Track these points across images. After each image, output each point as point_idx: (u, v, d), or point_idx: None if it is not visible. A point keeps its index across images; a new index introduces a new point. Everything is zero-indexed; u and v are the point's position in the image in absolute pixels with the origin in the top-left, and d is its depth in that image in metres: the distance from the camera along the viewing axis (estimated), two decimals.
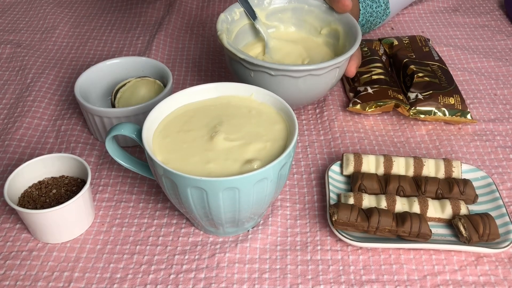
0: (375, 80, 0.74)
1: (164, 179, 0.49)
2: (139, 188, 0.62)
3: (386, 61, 0.80)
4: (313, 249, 0.55)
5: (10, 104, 0.75)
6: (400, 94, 0.72)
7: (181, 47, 0.88)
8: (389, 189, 0.58)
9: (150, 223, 0.58)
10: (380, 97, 0.71)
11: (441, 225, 0.56)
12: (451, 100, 0.70)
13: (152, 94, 0.67)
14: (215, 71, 0.82)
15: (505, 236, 0.54)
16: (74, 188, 0.57)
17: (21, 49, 0.86)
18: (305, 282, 0.52)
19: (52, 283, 0.51)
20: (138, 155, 0.66)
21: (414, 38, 0.83)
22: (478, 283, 0.51)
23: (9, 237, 0.56)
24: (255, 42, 0.75)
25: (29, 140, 0.68)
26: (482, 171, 0.61)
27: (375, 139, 0.69)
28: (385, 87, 0.72)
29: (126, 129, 0.53)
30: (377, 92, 0.71)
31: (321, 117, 0.73)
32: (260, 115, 0.56)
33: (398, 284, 0.51)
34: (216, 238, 0.56)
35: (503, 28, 0.93)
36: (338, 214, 0.53)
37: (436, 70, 0.75)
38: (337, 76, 0.67)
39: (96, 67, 0.71)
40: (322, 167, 0.65)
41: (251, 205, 0.50)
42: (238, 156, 0.51)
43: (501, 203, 0.57)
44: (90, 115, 0.65)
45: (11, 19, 0.96)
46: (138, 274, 0.52)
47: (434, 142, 0.68)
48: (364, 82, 0.74)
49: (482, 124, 0.71)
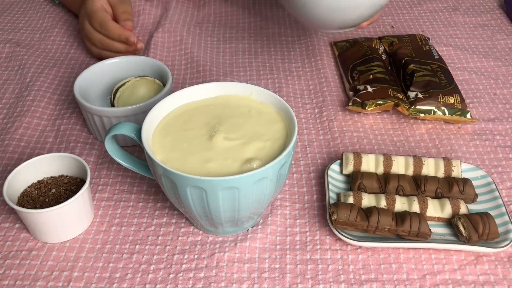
0: (375, 79, 0.73)
1: (164, 179, 0.49)
2: (138, 187, 0.62)
3: (386, 59, 0.80)
4: (312, 248, 0.55)
5: (10, 104, 0.75)
6: (400, 93, 0.72)
7: (181, 46, 0.88)
8: (389, 189, 0.58)
9: (150, 223, 0.58)
10: (379, 96, 0.71)
11: (440, 225, 0.56)
12: (451, 100, 0.70)
13: (151, 94, 0.67)
14: (215, 71, 0.82)
15: (504, 235, 0.54)
16: (73, 187, 0.57)
17: (20, 48, 0.86)
18: (304, 282, 0.51)
19: (52, 283, 0.51)
20: (138, 155, 0.66)
21: (414, 36, 0.83)
22: (478, 282, 0.51)
23: (9, 236, 0.56)
24: None
25: (28, 140, 0.68)
26: (481, 170, 0.61)
27: (375, 138, 0.69)
28: (385, 86, 0.72)
29: (125, 128, 0.53)
30: (377, 91, 0.71)
31: (320, 117, 0.72)
32: (260, 115, 0.56)
33: (397, 283, 0.51)
34: (216, 237, 0.56)
35: (503, 27, 0.93)
36: (337, 213, 0.53)
37: (436, 69, 0.75)
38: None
39: (96, 66, 0.71)
40: (322, 167, 0.65)
41: (250, 204, 0.50)
42: (237, 156, 0.51)
43: (500, 202, 0.57)
44: (90, 115, 0.65)
45: (10, 19, 0.96)
46: (137, 273, 0.52)
47: (433, 141, 0.68)
48: (364, 81, 0.74)
49: (481, 123, 0.71)
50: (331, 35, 0.90)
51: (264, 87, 0.75)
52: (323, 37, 0.89)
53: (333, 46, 0.86)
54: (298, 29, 0.92)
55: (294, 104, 0.75)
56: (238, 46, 0.88)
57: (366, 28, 0.92)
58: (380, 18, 0.96)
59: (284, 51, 0.87)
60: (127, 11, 0.80)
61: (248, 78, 0.80)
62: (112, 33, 0.77)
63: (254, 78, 0.80)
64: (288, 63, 0.84)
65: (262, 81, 0.80)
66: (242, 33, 0.92)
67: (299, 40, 0.89)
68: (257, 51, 0.87)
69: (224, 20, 0.95)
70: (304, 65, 0.83)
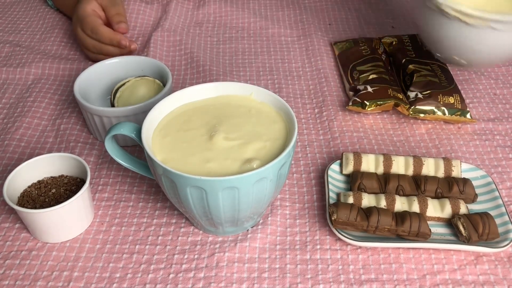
0: (375, 79, 0.73)
1: (164, 179, 0.49)
2: (138, 187, 0.62)
3: (386, 60, 0.80)
4: (312, 248, 0.55)
5: (10, 104, 0.75)
6: (400, 93, 0.72)
7: (181, 46, 0.88)
8: (389, 188, 0.58)
9: (150, 223, 0.58)
10: (380, 96, 0.71)
11: (440, 225, 0.56)
12: (451, 100, 0.70)
13: (151, 94, 0.67)
14: (215, 71, 0.82)
15: (504, 235, 0.54)
16: (73, 187, 0.57)
17: (21, 48, 0.86)
18: (304, 282, 0.51)
19: (52, 283, 0.51)
20: (138, 155, 0.66)
21: (414, 37, 0.83)
22: (478, 282, 0.51)
23: (9, 236, 0.56)
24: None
25: (28, 140, 0.68)
26: (481, 170, 0.61)
27: (375, 138, 0.69)
28: (384, 86, 0.72)
29: (125, 128, 0.53)
30: (376, 91, 0.71)
31: (320, 117, 0.72)
32: (260, 115, 0.56)
33: (397, 283, 0.51)
34: (216, 237, 0.56)
35: None
36: (337, 213, 0.53)
37: (436, 69, 0.75)
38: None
39: (96, 66, 0.71)
40: (322, 167, 0.65)
41: (250, 204, 0.50)
42: (237, 156, 0.51)
43: (500, 202, 0.57)
44: (90, 115, 0.65)
45: (11, 19, 0.96)
46: (137, 273, 0.52)
47: (433, 141, 0.68)
48: (364, 81, 0.74)
49: (481, 123, 0.71)
50: (331, 36, 0.90)
51: (264, 87, 0.76)
52: (323, 37, 0.89)
53: (333, 46, 0.86)
54: (298, 30, 0.92)
55: (294, 104, 0.75)
56: (238, 46, 0.88)
57: (366, 28, 0.93)
58: (381, 18, 0.96)
59: (284, 51, 0.87)
60: (119, 12, 0.80)
61: (248, 78, 0.80)
62: (103, 38, 0.77)
63: (254, 78, 0.80)
64: (288, 63, 0.84)
65: (262, 81, 0.80)
66: (242, 33, 0.92)
67: (299, 40, 0.89)
68: (257, 51, 0.87)
69: (224, 20, 0.95)
70: (304, 65, 0.83)
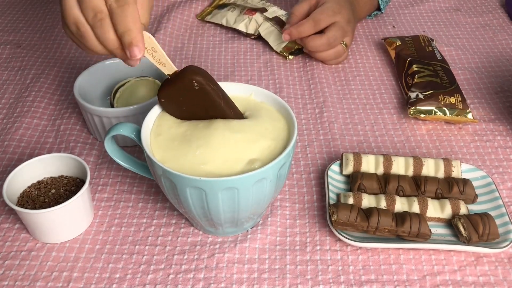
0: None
1: (163, 179, 0.49)
2: (138, 188, 0.62)
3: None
4: (312, 249, 0.55)
5: (10, 104, 0.75)
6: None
7: (180, 46, 0.88)
8: (389, 189, 0.58)
9: (149, 223, 0.57)
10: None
11: (440, 225, 0.56)
12: (452, 100, 0.70)
13: (151, 94, 0.67)
14: (215, 71, 0.82)
15: (504, 236, 0.53)
16: (73, 188, 0.57)
17: (21, 49, 0.86)
18: (304, 282, 0.51)
19: (51, 283, 0.51)
20: (137, 155, 0.66)
21: (417, 37, 0.83)
22: (478, 283, 0.51)
23: (8, 237, 0.56)
24: None
25: (28, 140, 0.68)
26: (481, 170, 0.61)
27: (375, 139, 0.69)
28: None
29: (125, 129, 0.53)
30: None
31: (321, 117, 0.72)
32: (260, 115, 0.55)
33: (397, 284, 0.51)
34: (215, 238, 0.56)
35: (505, 27, 0.93)
36: (337, 214, 0.53)
37: (438, 69, 0.75)
38: None
39: (96, 67, 0.71)
40: (322, 167, 0.64)
41: (250, 205, 0.50)
42: (237, 156, 0.50)
43: (500, 203, 0.57)
44: (89, 115, 0.65)
45: (10, 19, 0.96)
46: (137, 274, 0.52)
47: (434, 142, 0.68)
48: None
49: (482, 124, 0.71)
50: None
51: (265, 88, 0.75)
52: None
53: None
54: None
55: (295, 105, 0.75)
56: (240, 46, 0.88)
57: (367, 28, 0.92)
58: (382, 18, 0.96)
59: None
60: (134, 19, 0.79)
61: (249, 78, 0.80)
62: (108, 44, 0.76)
63: (255, 79, 0.80)
64: (289, 64, 0.84)
65: (263, 81, 0.80)
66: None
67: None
68: (258, 52, 0.86)
69: None
70: (305, 65, 0.83)
